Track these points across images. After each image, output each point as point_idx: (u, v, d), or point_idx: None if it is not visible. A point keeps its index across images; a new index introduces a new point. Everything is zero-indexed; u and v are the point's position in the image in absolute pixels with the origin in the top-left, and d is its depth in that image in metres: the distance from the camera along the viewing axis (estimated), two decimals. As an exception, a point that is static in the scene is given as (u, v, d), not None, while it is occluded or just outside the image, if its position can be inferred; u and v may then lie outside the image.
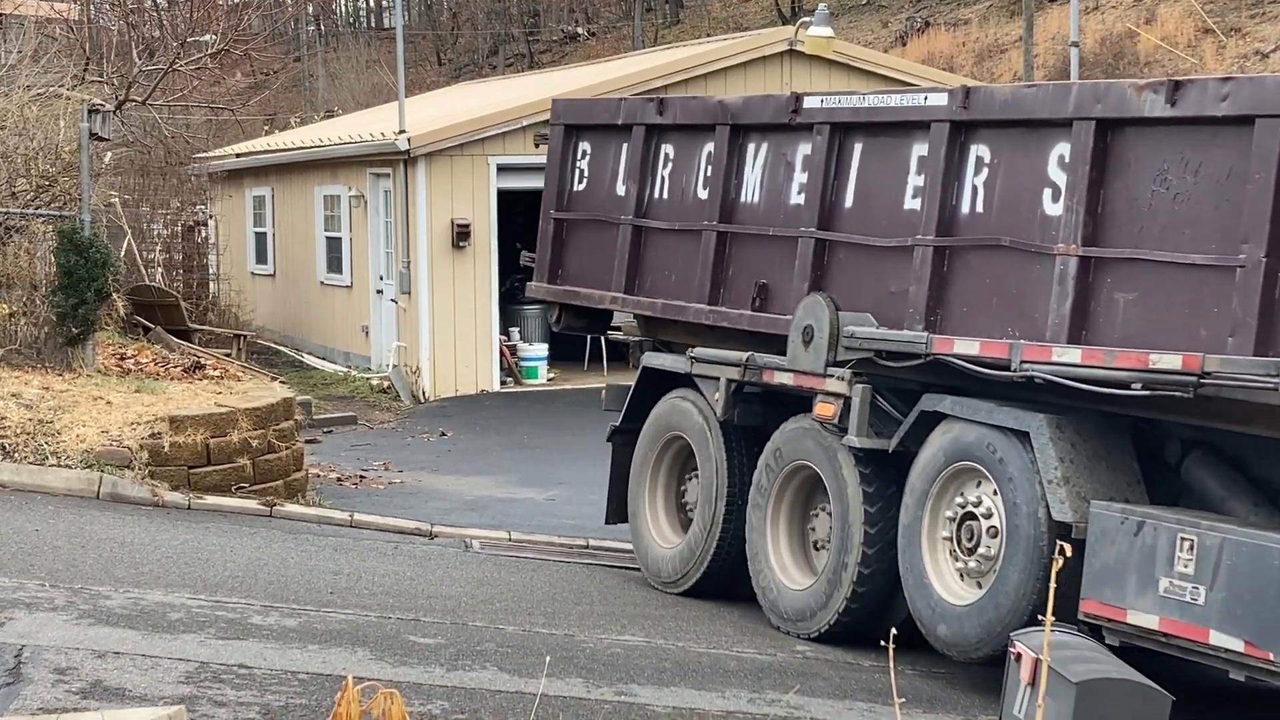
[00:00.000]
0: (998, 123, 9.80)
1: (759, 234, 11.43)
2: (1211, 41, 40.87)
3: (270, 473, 14.32)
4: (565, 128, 13.23)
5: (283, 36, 66.46)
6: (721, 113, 11.75)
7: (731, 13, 67.04)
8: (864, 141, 10.69)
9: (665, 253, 12.23)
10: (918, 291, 10.05)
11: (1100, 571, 8.77)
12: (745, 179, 11.59)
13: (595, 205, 12.87)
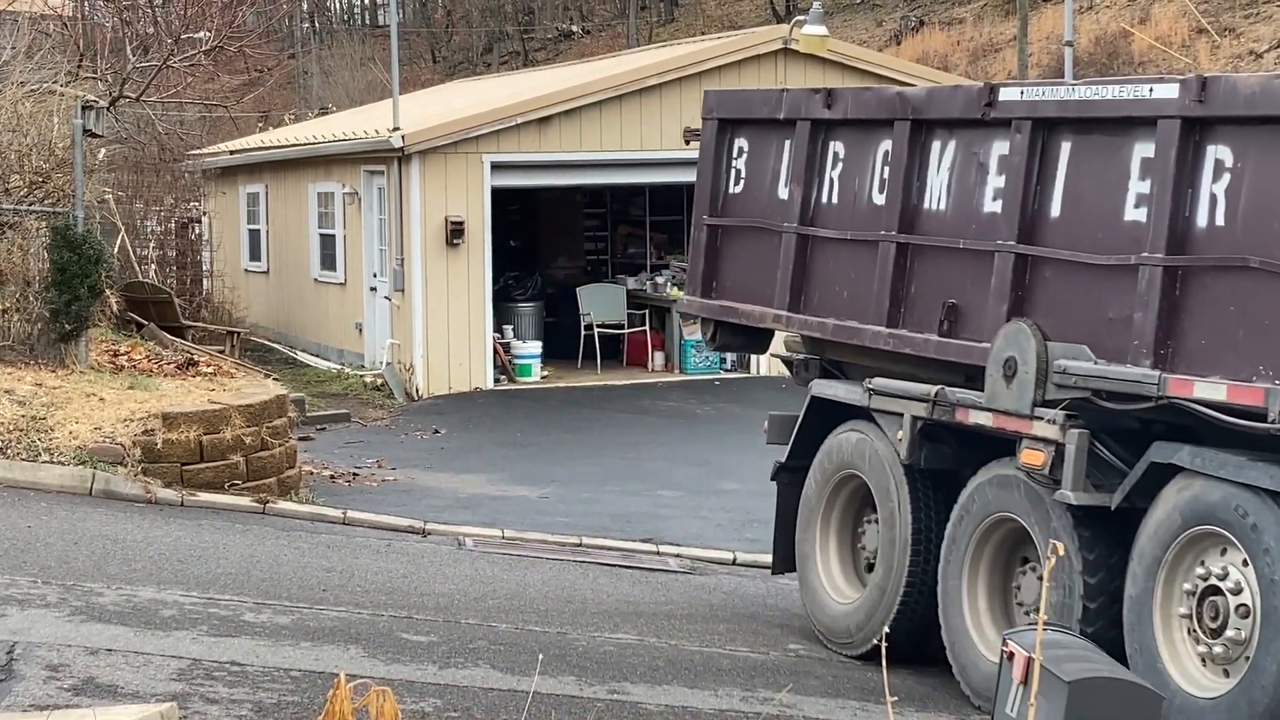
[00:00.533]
0: (1242, 119, 8.20)
1: (947, 246, 9.85)
2: (1205, 41, 40.90)
3: (263, 470, 14.30)
4: (719, 122, 11.82)
5: (277, 33, 66.39)
6: (901, 106, 10.21)
7: (726, 11, 67.02)
8: (1073, 140, 9.14)
9: (836, 265, 10.73)
10: (1144, 320, 8.49)
11: None
12: (929, 182, 10.03)
13: (754, 210, 11.39)
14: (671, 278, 25.90)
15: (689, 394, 23.14)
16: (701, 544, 14.05)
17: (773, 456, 17.92)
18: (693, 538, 14.27)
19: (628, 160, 24.26)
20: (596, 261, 29.30)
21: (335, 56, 66.95)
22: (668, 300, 25.16)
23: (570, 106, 23.67)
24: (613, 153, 24.03)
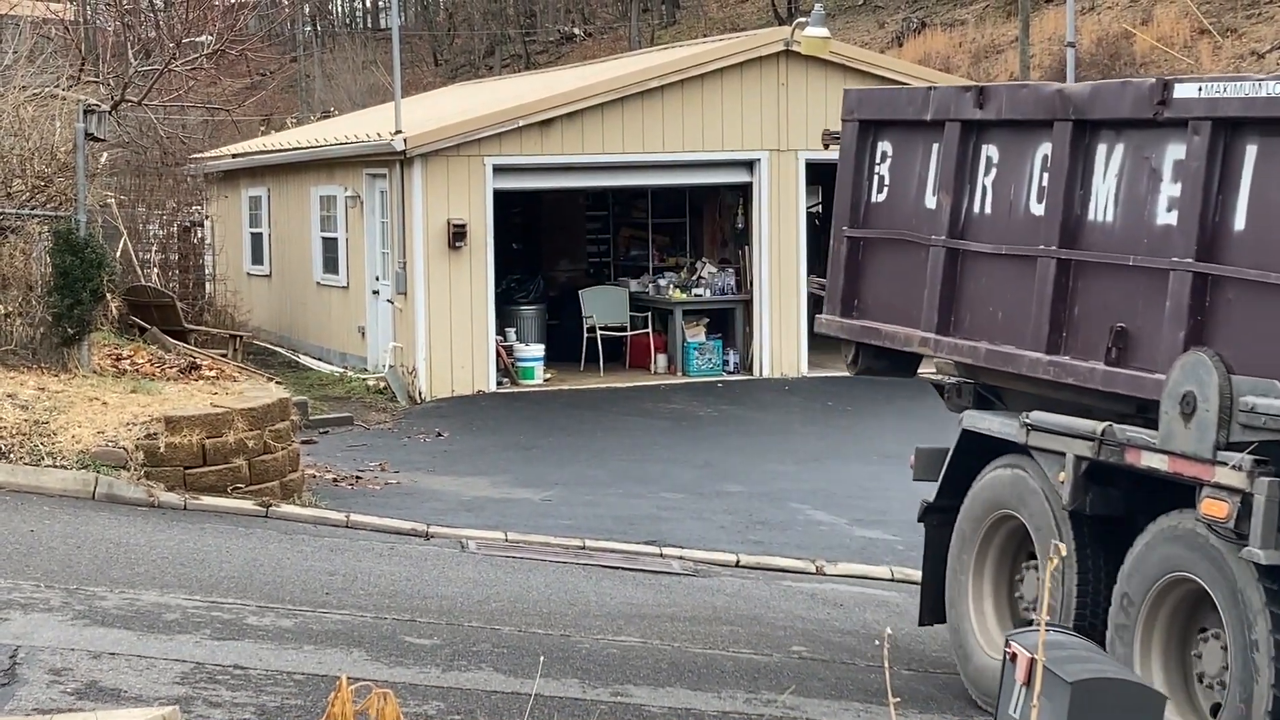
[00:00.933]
0: None
1: (1115, 263, 8.73)
2: (1208, 42, 40.89)
3: (266, 473, 14.30)
4: (860, 124, 10.87)
5: (279, 37, 66.45)
6: (1061, 105, 9.13)
7: (728, 13, 67.05)
8: (1261, 143, 8.00)
9: (989, 282, 9.67)
10: None
11: None
12: (1094, 191, 8.93)
13: (899, 220, 10.42)
14: (673, 280, 25.89)
15: (691, 396, 23.14)
16: (705, 546, 14.04)
17: (773, 462, 17.96)
18: (696, 540, 14.27)
19: (630, 163, 24.27)
20: (599, 264, 29.30)
21: (337, 60, 66.99)
22: (670, 302, 25.16)
23: (572, 109, 23.67)
24: (615, 155, 24.04)
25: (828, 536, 14.85)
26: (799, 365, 24.70)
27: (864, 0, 60.35)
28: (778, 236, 24.63)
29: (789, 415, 22.08)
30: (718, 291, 25.36)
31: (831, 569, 13.55)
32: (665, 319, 25.41)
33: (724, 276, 25.41)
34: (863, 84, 24.85)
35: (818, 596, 12.59)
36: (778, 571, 13.48)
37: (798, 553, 14.00)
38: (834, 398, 22.96)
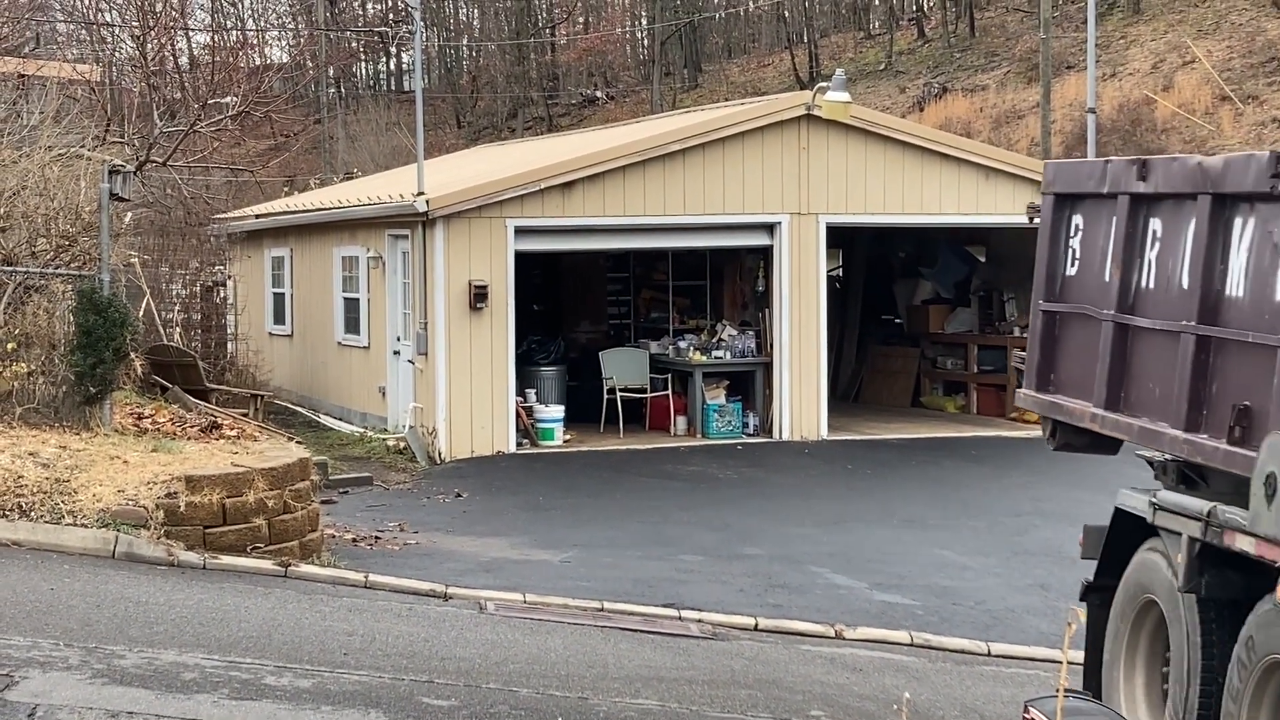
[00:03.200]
0: None
1: (1238, 339, 8.43)
2: (1229, 109, 40.97)
3: (286, 533, 14.32)
4: (1056, 197, 10.73)
5: (303, 99, 66.86)
6: (1201, 178, 8.84)
7: (750, 77, 67.36)
8: None
9: (1148, 358, 9.44)
10: None
11: None
12: (1230, 265, 8.58)
13: (1085, 295, 10.26)
14: (694, 342, 25.93)
15: (711, 458, 23.13)
16: (723, 609, 14.00)
17: (792, 525, 17.96)
18: (714, 603, 14.23)
19: (651, 225, 24.35)
20: (619, 325, 29.36)
21: (361, 121, 67.36)
22: (690, 364, 25.18)
23: (594, 171, 23.77)
24: (636, 217, 24.12)
25: (847, 600, 14.80)
26: (819, 428, 24.69)
27: (885, 65, 60.61)
28: (798, 299, 24.67)
29: (809, 478, 22.05)
30: (738, 354, 25.38)
31: (850, 633, 13.50)
32: (685, 381, 25.43)
33: (744, 339, 25.44)
34: (884, 149, 24.96)
35: (836, 661, 12.54)
36: (796, 635, 13.43)
37: (817, 616, 13.95)
38: (854, 461, 22.94)
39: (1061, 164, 11.19)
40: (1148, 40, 49.28)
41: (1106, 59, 46.97)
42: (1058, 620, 13.33)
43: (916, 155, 25.13)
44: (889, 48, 62.20)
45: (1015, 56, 54.08)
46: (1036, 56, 45.78)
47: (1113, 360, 9.64)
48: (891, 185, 24.85)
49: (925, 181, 24.95)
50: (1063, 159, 38.55)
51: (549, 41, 74.46)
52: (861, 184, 24.77)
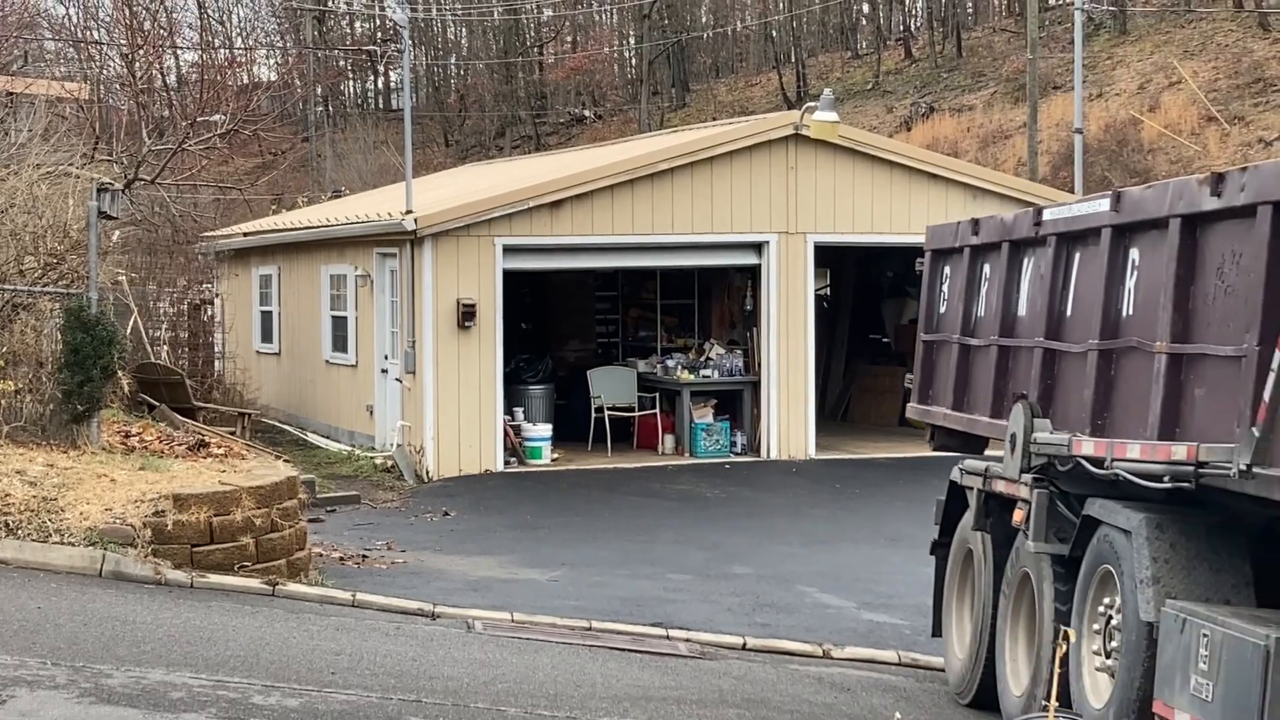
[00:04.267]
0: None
1: (993, 345, 11.74)
2: (1215, 129, 41.10)
3: (273, 551, 14.29)
4: (932, 253, 13.54)
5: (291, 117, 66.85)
6: (1002, 229, 11.98)
7: (737, 96, 67.48)
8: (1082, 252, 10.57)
9: (976, 368, 12.32)
10: (1085, 395, 10.02)
11: (1163, 671, 8.59)
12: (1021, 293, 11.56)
13: (947, 326, 13.02)
14: (682, 361, 25.94)
15: (699, 477, 23.13)
16: (711, 629, 14.00)
17: (780, 544, 18.12)
18: (703, 622, 14.22)
19: (639, 244, 24.37)
20: (607, 344, 29.38)
21: (349, 140, 67.36)
22: (678, 383, 25.19)
23: (583, 190, 23.79)
24: (624, 236, 24.14)
25: (835, 620, 14.80)
26: (806, 447, 24.70)
27: (873, 85, 60.75)
28: (786, 318, 24.70)
29: (796, 497, 22.06)
30: (726, 373, 25.39)
31: (839, 653, 13.50)
32: (673, 400, 25.44)
33: (732, 358, 25.46)
34: (871, 168, 25.02)
35: (824, 680, 12.54)
36: (784, 655, 13.43)
37: (805, 636, 13.95)
38: (841, 480, 22.95)
39: (934, 227, 13.95)
40: (1134, 61, 49.45)
41: (1093, 79, 47.11)
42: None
43: (904, 175, 25.18)
44: (876, 67, 62.35)
45: (1002, 77, 54.24)
46: (1023, 77, 45.91)
47: (958, 371, 12.53)
48: (879, 205, 24.89)
49: (913, 201, 24.99)
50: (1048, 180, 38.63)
51: (537, 60, 74.57)
52: (849, 203, 24.82)
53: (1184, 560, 8.91)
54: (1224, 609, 8.46)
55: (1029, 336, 11.15)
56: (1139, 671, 8.88)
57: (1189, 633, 8.36)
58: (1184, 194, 9.09)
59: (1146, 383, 9.26)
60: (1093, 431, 9.78)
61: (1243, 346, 8.22)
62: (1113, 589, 9.37)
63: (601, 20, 76.76)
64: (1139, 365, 9.44)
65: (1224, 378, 8.50)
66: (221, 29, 76.47)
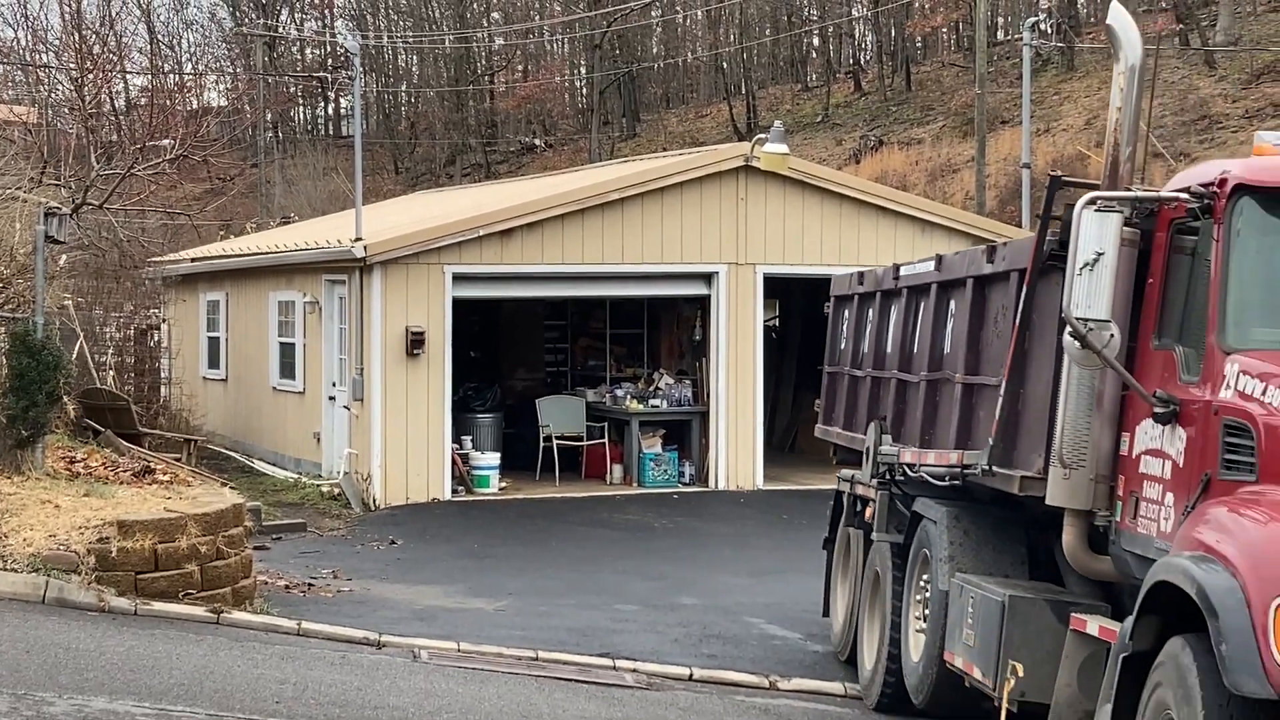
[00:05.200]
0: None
1: (884, 377, 14.08)
2: (1161, 165, 41.43)
3: (218, 579, 14.21)
4: (835, 298, 16.36)
5: (241, 143, 66.69)
6: (875, 280, 14.91)
7: (688, 127, 67.66)
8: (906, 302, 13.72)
9: (860, 395, 14.92)
10: (918, 416, 12.75)
11: (950, 627, 11.29)
12: (889, 334, 14.17)
13: (844, 360, 15.76)
14: (631, 390, 25.96)
15: (647, 507, 23.13)
16: (658, 659, 13.99)
17: (728, 574, 18.22)
18: (650, 653, 14.22)
19: (589, 273, 24.39)
20: (556, 373, 29.36)
21: (298, 166, 67.23)
22: (627, 413, 25.20)
23: (533, 219, 23.81)
24: (574, 265, 24.16)
25: (781, 651, 14.82)
26: (754, 478, 24.74)
27: (822, 117, 61.03)
28: (735, 349, 24.75)
29: (744, 528, 22.07)
30: (674, 403, 25.42)
31: (785, 684, 13.51)
32: (622, 429, 25.45)
33: (681, 388, 25.48)
34: (821, 200, 25.14)
35: (771, 711, 12.55)
36: (731, 686, 13.43)
37: (751, 667, 13.96)
38: (789, 510, 22.97)
39: (837, 276, 16.70)
40: (1081, 96, 49.83)
41: (1041, 114, 47.44)
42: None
43: (853, 208, 25.29)
44: (826, 100, 62.65)
45: (951, 110, 54.58)
46: (972, 111, 46.21)
47: (848, 397, 15.33)
48: (829, 237, 24.99)
49: (862, 234, 25.11)
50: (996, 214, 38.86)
51: (488, 89, 74.61)
52: (799, 235, 24.91)
53: (974, 544, 11.42)
54: (988, 578, 10.93)
55: (890, 369, 13.86)
56: (939, 631, 11.47)
57: (964, 597, 10.99)
58: (973, 260, 12.00)
59: (950, 405, 12.14)
60: (921, 445, 12.38)
61: (997, 376, 10.97)
62: (928, 568, 11.96)
63: (553, 50, 76.90)
64: (949, 393, 12.20)
65: (988, 399, 11.25)
66: (171, 54, 76.31)
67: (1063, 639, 9.83)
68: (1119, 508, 9.68)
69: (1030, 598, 10.30)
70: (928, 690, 11.73)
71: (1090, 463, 9.72)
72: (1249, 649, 7.36)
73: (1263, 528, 7.78)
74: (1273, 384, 8.31)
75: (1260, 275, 8.84)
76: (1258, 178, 8.93)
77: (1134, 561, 9.43)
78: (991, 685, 10.24)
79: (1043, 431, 10.18)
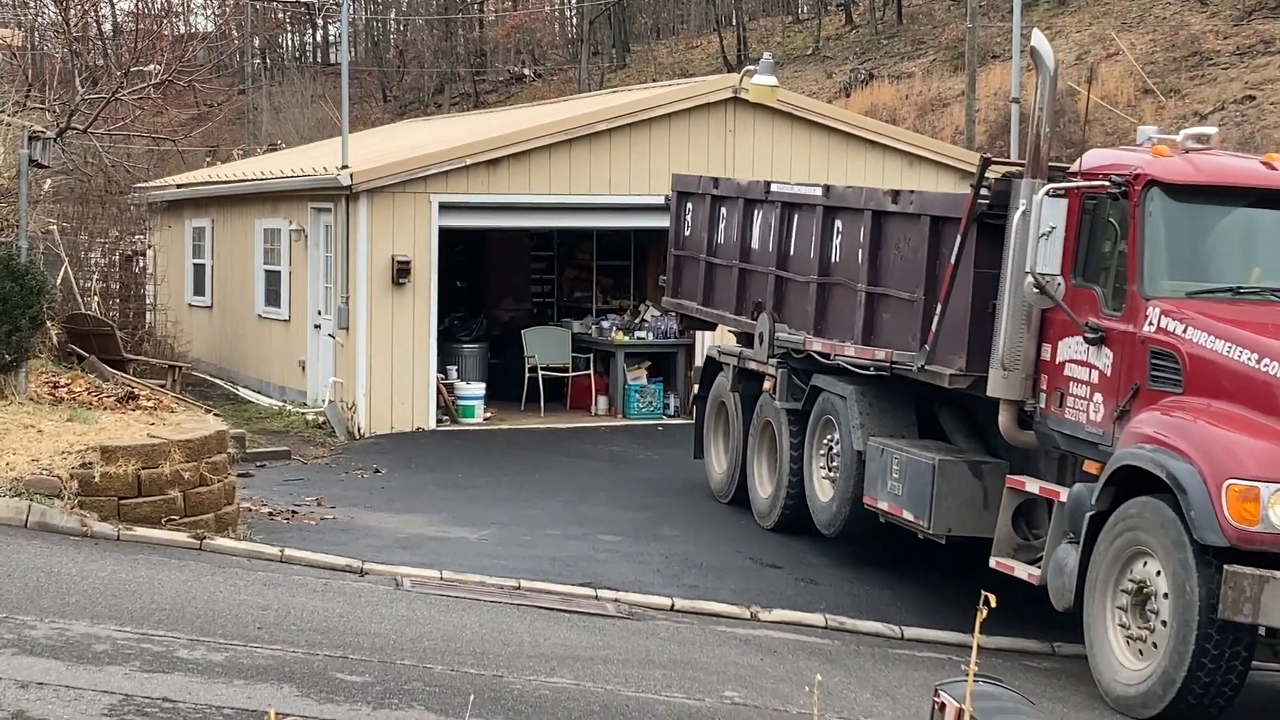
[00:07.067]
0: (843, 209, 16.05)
1: (749, 269, 17.80)
2: (1151, 102, 41.34)
3: (201, 506, 14.22)
4: (678, 194, 19.91)
5: (228, 69, 66.31)
6: (739, 189, 18.33)
7: (678, 59, 67.37)
8: (799, 214, 16.92)
9: (720, 279, 18.66)
10: (808, 310, 16.32)
11: (870, 478, 14.68)
12: (753, 233, 17.79)
13: (693, 246, 19.44)
14: (616, 322, 25.93)
15: (631, 438, 23.16)
16: (640, 589, 14.04)
17: (710, 506, 18.20)
18: (631, 583, 14.26)
19: (576, 204, 24.32)
20: (542, 304, 29.33)
21: (286, 93, 66.90)
22: (612, 344, 25.19)
23: (520, 149, 23.72)
24: (561, 196, 24.09)
25: (762, 582, 14.87)
26: (739, 411, 24.73)
27: (813, 50, 60.78)
28: (721, 282, 24.67)
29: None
30: (660, 335, 25.41)
31: (766, 615, 13.56)
32: (607, 361, 25.45)
33: (666, 320, 25.45)
34: (809, 133, 25.07)
35: (751, 642, 12.60)
36: (712, 616, 13.48)
37: (733, 598, 14.01)
38: (773, 444, 22.98)
39: (678, 175, 20.70)
40: (1072, 32, 49.65)
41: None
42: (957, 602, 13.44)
43: (842, 141, 25.23)
44: (817, 33, 62.36)
45: (942, 45, 54.37)
46: (963, 45, 46.05)
47: (704, 280, 18.97)
48: (816, 170, 24.91)
49: (850, 167, 25.05)
50: (986, 149, 38.79)
51: (477, 17, 74.21)
52: (787, 168, 24.81)
53: (877, 413, 14.96)
54: (904, 441, 14.43)
55: (763, 265, 17.29)
56: (852, 480, 14.99)
57: (885, 456, 14.39)
58: (873, 196, 15.37)
59: (852, 307, 15.38)
60: (814, 334, 15.91)
61: (915, 294, 14.33)
62: (832, 430, 15.58)
63: (543, -22, 76.41)
64: (845, 295, 15.61)
65: (900, 309, 14.67)
66: (158, -22, 75.75)
67: (976, 488, 13.56)
68: (1042, 398, 12.94)
69: (954, 460, 13.75)
70: (840, 524, 15.38)
71: (1022, 365, 12.92)
72: (1209, 514, 10.70)
73: (1205, 428, 11.09)
74: (1191, 325, 11.65)
75: (1164, 244, 12.17)
76: (1162, 174, 12.27)
77: (1060, 438, 12.82)
78: (925, 524, 13.69)
79: (962, 341, 13.45)
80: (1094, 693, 11.81)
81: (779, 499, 16.68)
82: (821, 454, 15.87)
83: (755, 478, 17.45)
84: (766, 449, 17.30)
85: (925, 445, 14.30)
